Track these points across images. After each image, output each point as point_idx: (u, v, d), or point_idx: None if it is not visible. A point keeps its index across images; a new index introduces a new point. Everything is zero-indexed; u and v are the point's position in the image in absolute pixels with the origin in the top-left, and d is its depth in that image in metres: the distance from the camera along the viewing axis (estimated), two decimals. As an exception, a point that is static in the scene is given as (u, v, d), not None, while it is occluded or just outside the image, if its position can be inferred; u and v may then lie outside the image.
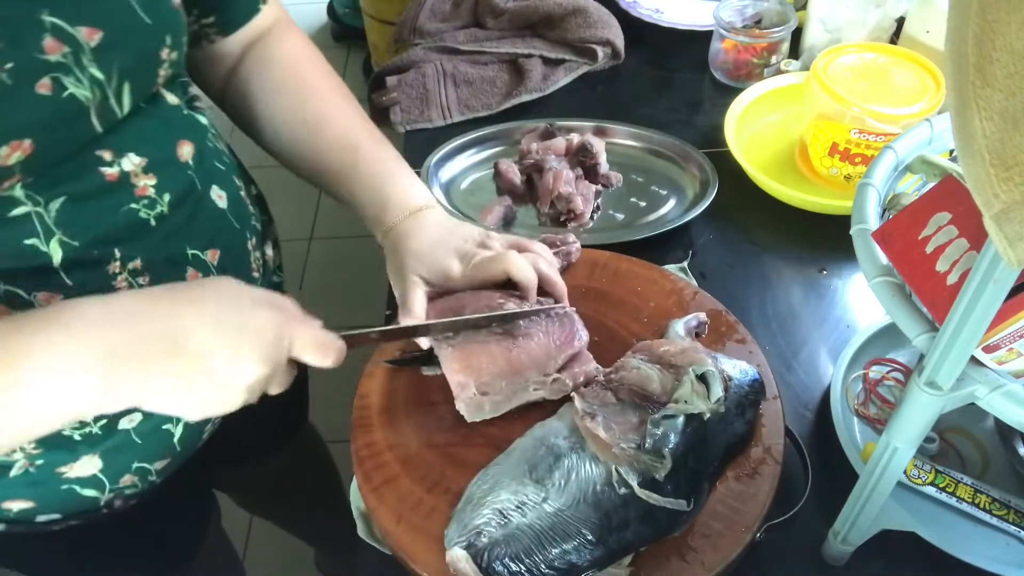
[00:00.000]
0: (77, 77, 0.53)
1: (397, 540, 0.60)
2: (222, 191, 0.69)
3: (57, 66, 0.51)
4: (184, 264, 0.64)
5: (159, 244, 0.62)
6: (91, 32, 0.53)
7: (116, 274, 0.59)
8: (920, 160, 0.58)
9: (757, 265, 0.88)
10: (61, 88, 0.52)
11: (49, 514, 0.68)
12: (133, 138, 0.59)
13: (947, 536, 0.61)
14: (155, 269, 0.61)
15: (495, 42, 1.18)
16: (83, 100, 0.54)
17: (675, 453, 0.59)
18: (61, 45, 0.52)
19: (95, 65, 0.54)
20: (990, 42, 0.31)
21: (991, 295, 0.40)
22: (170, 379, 0.49)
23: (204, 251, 0.66)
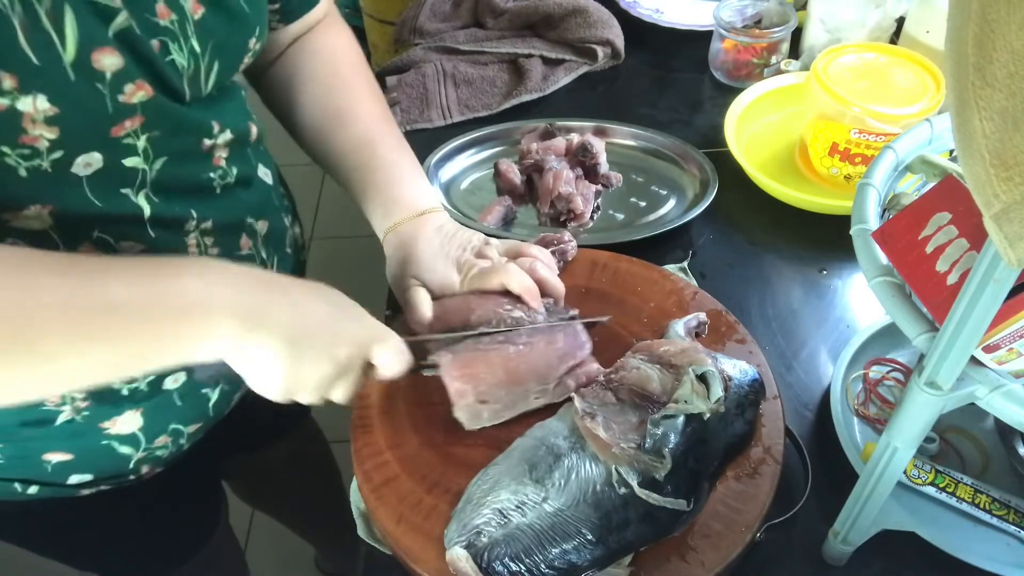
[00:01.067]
0: (180, 45, 0.57)
1: (397, 540, 0.60)
2: (267, 169, 0.75)
3: (165, 31, 0.55)
4: (241, 231, 0.69)
5: (224, 210, 0.66)
6: (196, 6, 0.57)
7: (190, 232, 0.63)
8: (920, 160, 0.58)
9: (757, 265, 0.88)
10: (166, 52, 0.56)
11: (82, 473, 0.69)
12: (228, 116, 0.65)
13: (947, 536, 0.61)
14: (220, 232, 0.66)
15: (495, 42, 1.18)
16: (180, 67, 0.57)
17: (675, 453, 0.59)
18: (170, 12, 0.55)
19: (195, 37, 0.57)
20: (990, 42, 0.31)
21: (991, 295, 0.40)
22: (276, 344, 0.52)
23: (257, 221, 0.71)
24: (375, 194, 0.74)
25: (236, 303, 0.51)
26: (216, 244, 0.66)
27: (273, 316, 0.52)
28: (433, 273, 0.71)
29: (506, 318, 0.67)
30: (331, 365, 0.55)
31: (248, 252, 0.70)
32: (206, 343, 0.51)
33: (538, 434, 0.63)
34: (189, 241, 0.64)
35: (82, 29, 0.49)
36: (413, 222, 0.72)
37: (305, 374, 0.55)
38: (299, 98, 0.77)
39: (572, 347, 0.67)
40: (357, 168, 0.75)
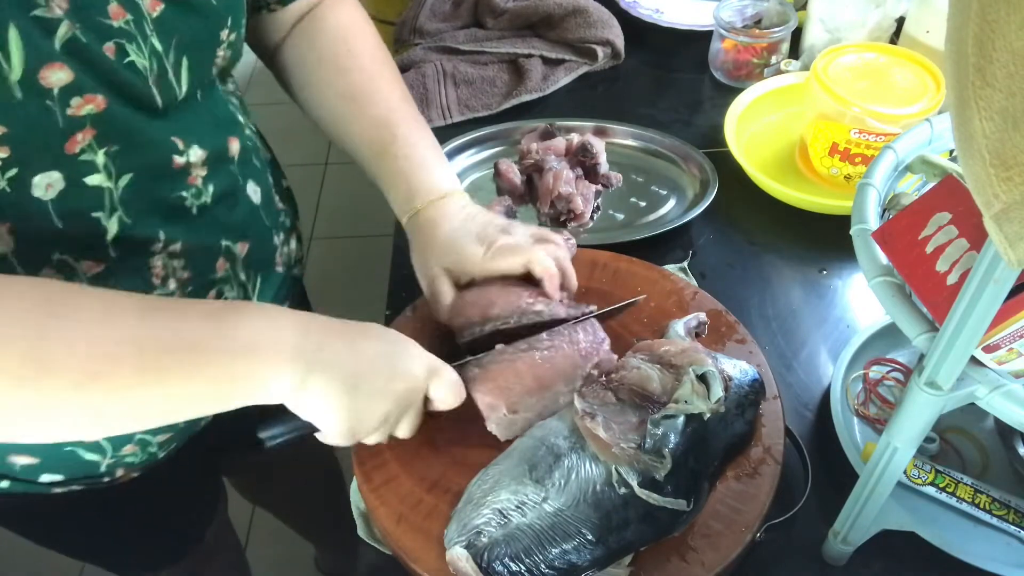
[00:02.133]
0: (139, 45, 0.54)
1: (397, 540, 0.60)
2: (257, 187, 0.71)
3: (120, 32, 0.53)
4: (217, 254, 0.66)
5: (198, 231, 0.64)
6: (154, 3, 0.55)
7: (156, 253, 0.61)
8: (920, 160, 0.58)
9: (757, 265, 0.88)
10: (123, 54, 0.53)
11: (52, 474, 0.68)
12: (197, 130, 0.62)
13: (947, 536, 0.61)
14: (191, 255, 0.64)
15: (495, 42, 1.18)
16: (141, 69, 0.55)
17: (675, 453, 0.59)
18: (124, 12, 0.53)
19: (155, 36, 0.55)
20: (990, 42, 0.31)
21: (991, 295, 0.40)
22: (337, 384, 0.53)
23: (235, 243, 0.68)
24: (396, 180, 0.72)
25: (295, 346, 0.52)
26: (186, 267, 0.64)
27: (331, 358, 0.53)
28: (455, 254, 0.69)
29: (528, 311, 0.67)
30: (390, 402, 0.56)
31: (223, 275, 0.68)
32: (268, 387, 0.51)
33: (538, 434, 0.63)
34: (154, 263, 0.61)
35: (28, 46, 0.47)
36: (434, 206, 0.71)
37: (366, 413, 0.55)
38: (312, 81, 0.75)
39: (593, 344, 0.67)
40: (376, 153, 0.73)
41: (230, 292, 0.68)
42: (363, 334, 0.57)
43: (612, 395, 0.65)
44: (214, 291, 0.67)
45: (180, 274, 0.63)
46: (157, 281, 0.62)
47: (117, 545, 0.86)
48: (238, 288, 0.70)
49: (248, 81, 2.70)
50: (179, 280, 0.63)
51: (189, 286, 0.64)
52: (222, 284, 0.68)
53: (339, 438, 0.56)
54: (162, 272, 0.62)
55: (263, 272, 0.73)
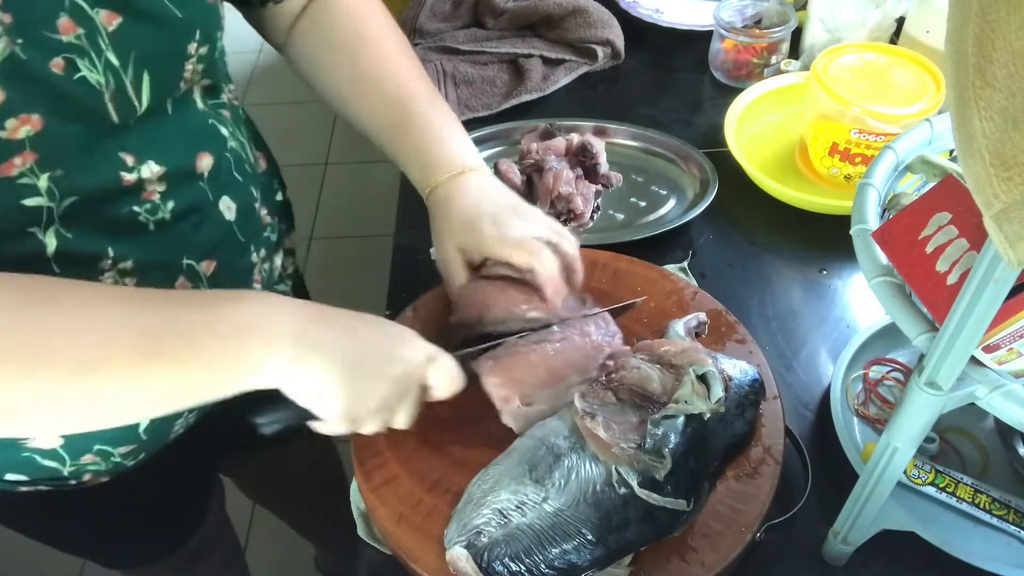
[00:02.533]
0: (92, 60, 0.52)
1: (397, 540, 0.60)
2: (233, 202, 0.68)
3: (70, 47, 0.51)
4: (177, 273, 0.64)
5: (154, 249, 0.61)
6: (111, 16, 0.52)
7: (104, 271, 0.59)
8: (920, 160, 0.58)
9: (757, 265, 0.88)
10: (74, 69, 0.51)
11: (15, 474, 0.67)
12: (156, 145, 0.59)
13: (947, 536, 0.61)
14: (145, 272, 0.61)
15: (495, 42, 1.18)
16: (95, 85, 0.53)
17: (675, 453, 0.59)
18: (76, 27, 0.51)
19: (111, 51, 0.53)
20: (990, 42, 0.31)
21: (991, 295, 0.40)
22: (336, 367, 0.53)
23: (199, 262, 0.65)
24: (412, 156, 0.71)
25: (291, 327, 0.52)
26: (140, 284, 0.61)
27: (327, 340, 0.53)
28: (469, 232, 0.67)
29: (523, 317, 0.67)
30: (388, 385, 0.55)
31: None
32: (264, 366, 0.51)
33: (538, 434, 0.63)
34: (103, 280, 0.59)
35: None
36: (453, 181, 0.69)
37: (363, 397, 0.55)
38: (323, 66, 0.74)
39: (605, 335, 0.67)
40: (390, 130, 0.71)
41: None
42: (362, 320, 0.57)
43: (612, 395, 0.65)
44: None
45: None
46: None
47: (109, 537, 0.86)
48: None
49: (248, 81, 2.70)
50: None
51: None
52: None
53: (336, 422, 0.55)
54: None
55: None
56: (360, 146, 2.57)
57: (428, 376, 0.59)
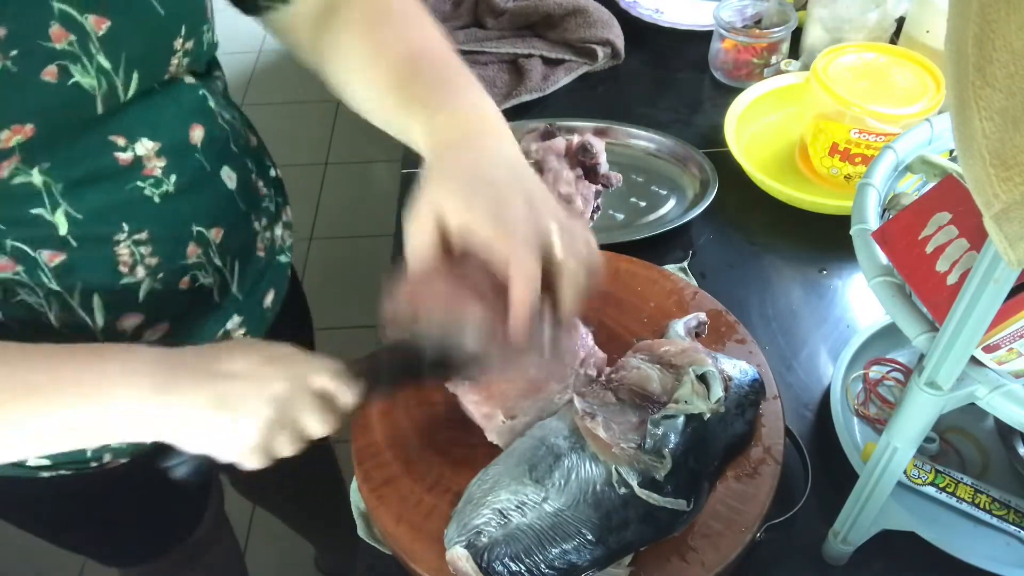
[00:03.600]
0: (84, 65, 0.53)
1: (397, 540, 0.60)
2: (233, 172, 0.69)
3: (63, 54, 0.51)
4: (187, 240, 0.65)
5: (164, 219, 0.63)
6: (99, 21, 0.53)
7: (120, 241, 0.60)
8: (920, 160, 0.58)
9: (757, 265, 0.88)
10: (67, 76, 0.52)
11: (38, 458, 0.68)
12: (147, 123, 0.60)
13: (947, 536, 0.61)
14: (158, 242, 0.63)
15: (495, 42, 1.18)
16: (89, 89, 0.53)
17: (675, 453, 0.59)
18: (67, 33, 0.51)
19: (102, 54, 0.53)
20: (990, 42, 0.31)
21: (991, 295, 0.40)
22: (202, 409, 0.52)
23: (208, 229, 0.67)
24: (416, 109, 0.58)
25: (149, 383, 0.52)
26: (155, 253, 0.63)
27: (183, 386, 0.52)
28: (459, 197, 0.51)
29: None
30: (269, 406, 0.52)
31: (195, 260, 0.66)
32: (134, 425, 0.52)
33: (538, 434, 0.63)
34: (120, 251, 0.61)
35: None
36: (470, 138, 0.55)
37: (243, 429, 0.52)
38: (336, 54, 0.66)
39: (575, 341, 0.67)
40: (396, 89, 0.60)
41: (205, 278, 0.67)
42: (230, 349, 0.54)
43: (612, 395, 0.65)
44: (188, 277, 0.66)
45: (148, 260, 0.62)
46: (125, 269, 0.61)
47: (108, 532, 0.86)
48: (214, 273, 0.68)
49: (248, 81, 2.70)
50: (148, 267, 0.63)
51: (160, 272, 0.64)
52: (195, 270, 0.66)
53: (240, 459, 0.54)
54: (129, 260, 0.61)
55: (241, 257, 0.72)
56: (360, 146, 2.57)
57: (313, 383, 0.54)
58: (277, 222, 0.79)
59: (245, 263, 0.73)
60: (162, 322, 0.66)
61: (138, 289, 0.63)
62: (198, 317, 0.69)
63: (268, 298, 0.78)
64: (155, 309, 0.65)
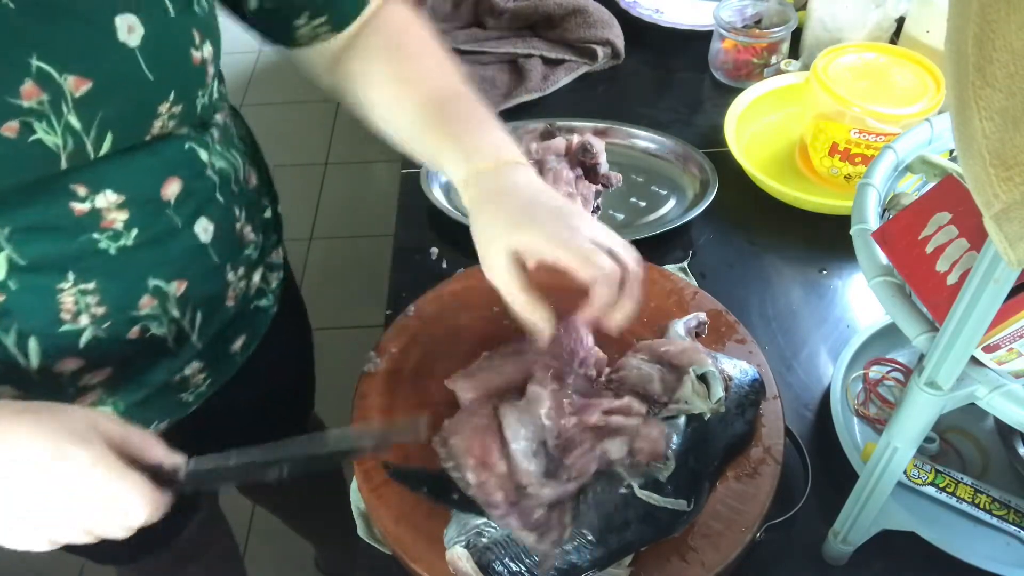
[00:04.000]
0: (50, 124, 0.50)
1: (397, 540, 0.60)
2: (211, 224, 0.66)
3: (29, 111, 0.49)
4: (141, 292, 0.62)
5: (117, 273, 0.60)
6: (80, 81, 0.51)
7: (63, 290, 0.58)
8: (920, 160, 0.58)
9: (757, 265, 0.88)
10: (29, 132, 0.50)
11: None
12: (116, 176, 0.57)
13: (947, 536, 0.61)
14: (107, 293, 0.60)
15: (495, 42, 1.18)
16: (52, 147, 0.51)
17: (676, 453, 0.59)
18: (40, 91, 0.49)
19: (74, 114, 0.51)
20: (990, 42, 0.31)
21: (991, 295, 0.40)
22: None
23: (169, 282, 0.63)
24: (452, 143, 0.63)
25: None
26: (103, 303, 0.60)
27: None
28: (529, 230, 0.56)
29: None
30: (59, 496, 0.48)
31: (149, 311, 0.63)
32: None
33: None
34: (63, 299, 0.58)
35: None
36: (503, 171, 0.60)
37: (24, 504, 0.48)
38: (363, 80, 0.69)
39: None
40: (428, 125, 0.65)
41: (159, 328, 0.64)
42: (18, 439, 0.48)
43: (613, 395, 0.65)
44: (138, 327, 0.63)
45: (94, 310, 0.60)
46: (67, 316, 0.59)
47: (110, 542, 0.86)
48: (169, 324, 0.65)
49: (248, 81, 2.70)
50: (93, 316, 0.60)
51: (106, 321, 0.61)
52: (148, 320, 0.63)
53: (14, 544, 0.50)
54: (73, 308, 0.59)
55: (205, 309, 0.68)
56: (360, 146, 2.57)
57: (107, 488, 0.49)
58: (257, 267, 0.76)
59: (210, 313, 0.70)
60: (104, 368, 0.63)
61: (79, 336, 0.60)
62: (146, 363, 0.66)
63: (237, 343, 0.75)
64: (97, 355, 0.62)
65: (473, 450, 0.59)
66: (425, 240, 0.91)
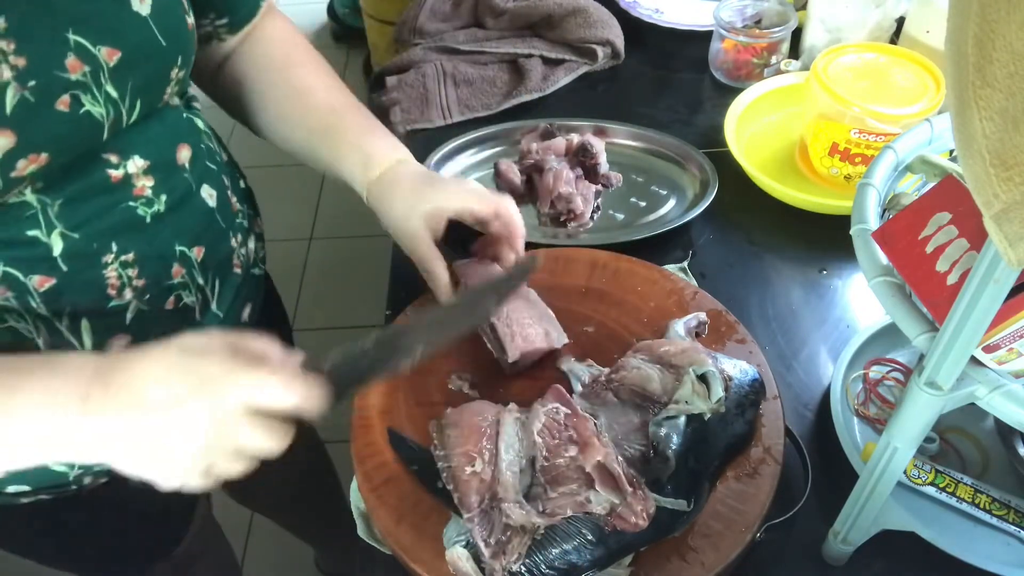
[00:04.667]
0: (94, 95, 0.55)
1: (397, 540, 0.60)
2: (212, 190, 0.71)
3: (77, 84, 0.53)
4: (172, 260, 0.66)
5: (151, 240, 0.64)
6: (111, 52, 0.55)
7: (108, 264, 0.61)
8: (920, 160, 0.58)
9: (757, 265, 0.88)
10: (78, 105, 0.54)
11: (18, 485, 0.68)
12: (140, 142, 0.61)
13: (947, 536, 0.61)
14: (145, 263, 0.63)
15: (495, 42, 1.18)
16: (98, 117, 0.56)
17: (676, 453, 0.59)
18: (82, 64, 0.53)
19: (111, 84, 0.56)
20: (990, 42, 0.31)
21: (991, 295, 0.40)
22: (128, 440, 0.49)
23: (191, 248, 0.67)
24: (352, 151, 0.73)
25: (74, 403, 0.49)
26: (141, 275, 0.63)
27: (111, 406, 0.48)
28: (428, 193, 0.70)
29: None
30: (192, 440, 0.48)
31: (180, 280, 0.67)
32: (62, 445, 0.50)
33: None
34: (108, 274, 0.61)
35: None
36: (399, 167, 0.72)
37: (169, 458, 0.49)
38: (256, 88, 0.77)
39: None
40: (327, 134, 0.74)
41: (188, 297, 0.68)
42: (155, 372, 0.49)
43: (612, 395, 0.65)
44: (172, 297, 0.66)
45: (136, 283, 0.63)
46: (113, 292, 0.62)
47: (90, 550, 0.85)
48: (196, 292, 0.69)
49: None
50: (135, 289, 0.63)
51: (146, 293, 0.64)
52: (180, 290, 0.67)
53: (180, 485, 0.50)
54: (117, 283, 0.62)
55: (220, 275, 0.73)
56: (360, 146, 2.57)
57: (255, 400, 0.48)
58: (250, 236, 0.80)
59: (224, 280, 0.74)
60: (147, 344, 0.64)
61: (125, 311, 0.63)
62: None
63: (245, 312, 0.79)
64: (142, 330, 0.65)
65: (465, 446, 0.59)
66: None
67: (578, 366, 0.69)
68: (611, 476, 0.56)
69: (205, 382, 0.48)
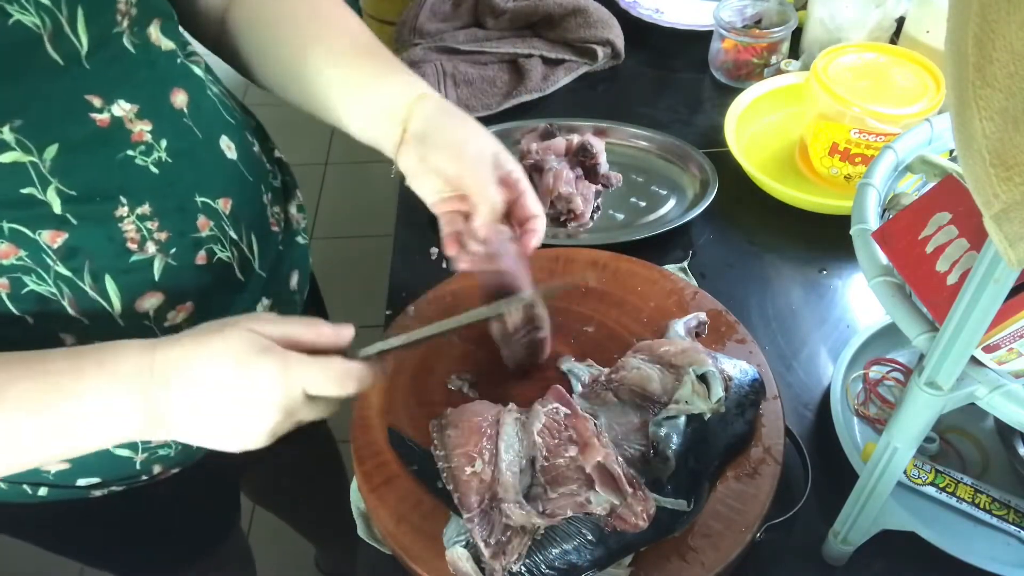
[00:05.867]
0: (22, 4, 0.50)
1: (397, 540, 0.60)
2: (231, 142, 0.68)
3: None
4: (194, 211, 0.63)
5: (165, 191, 0.61)
6: None
7: (123, 218, 0.59)
8: (920, 160, 0.58)
9: (757, 265, 0.88)
10: (5, 16, 0.50)
11: (88, 477, 0.68)
12: (122, 83, 0.58)
13: (947, 536, 0.61)
14: (164, 215, 0.61)
15: (495, 42, 1.18)
16: (32, 27, 0.51)
17: (676, 453, 0.59)
18: None
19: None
20: (990, 42, 0.31)
21: (991, 295, 0.39)
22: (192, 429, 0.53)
23: (215, 200, 0.65)
24: (384, 80, 0.68)
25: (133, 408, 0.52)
26: (163, 228, 0.61)
27: (170, 415, 0.52)
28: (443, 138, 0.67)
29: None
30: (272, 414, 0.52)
31: (209, 233, 0.64)
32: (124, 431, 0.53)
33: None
34: (125, 227, 0.59)
35: None
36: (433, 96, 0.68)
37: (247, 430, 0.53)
38: (266, 37, 0.71)
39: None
40: (359, 63, 0.68)
41: (222, 252, 0.66)
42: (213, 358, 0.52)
43: (613, 395, 0.65)
44: (203, 251, 0.64)
45: (157, 235, 0.61)
46: (134, 246, 0.60)
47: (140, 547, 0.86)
48: (231, 247, 0.67)
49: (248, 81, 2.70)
50: (157, 242, 0.61)
51: (172, 247, 0.62)
52: (210, 243, 0.65)
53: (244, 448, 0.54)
54: (137, 236, 0.60)
55: (257, 231, 0.70)
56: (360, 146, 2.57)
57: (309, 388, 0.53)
58: (290, 201, 0.78)
59: (262, 237, 0.71)
60: (185, 301, 0.64)
61: (151, 266, 0.61)
62: (223, 297, 0.67)
63: (293, 280, 0.77)
64: (174, 287, 0.63)
65: (465, 446, 0.59)
66: (425, 240, 0.91)
67: (578, 366, 0.69)
68: (611, 476, 0.56)
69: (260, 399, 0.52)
